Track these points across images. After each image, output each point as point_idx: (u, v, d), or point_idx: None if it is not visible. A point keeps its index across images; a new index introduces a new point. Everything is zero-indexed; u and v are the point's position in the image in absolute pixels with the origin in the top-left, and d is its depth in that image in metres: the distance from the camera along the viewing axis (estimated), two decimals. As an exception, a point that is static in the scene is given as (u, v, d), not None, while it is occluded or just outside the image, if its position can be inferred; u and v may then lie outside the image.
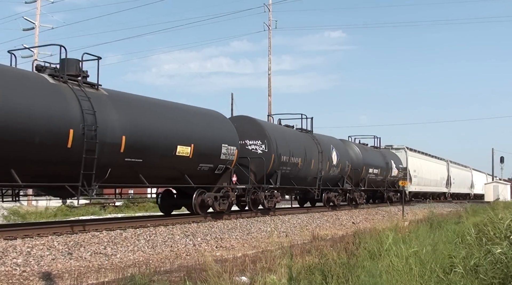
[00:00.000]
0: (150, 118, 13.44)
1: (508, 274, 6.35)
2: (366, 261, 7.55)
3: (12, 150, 10.13)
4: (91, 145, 11.39)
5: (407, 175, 34.19)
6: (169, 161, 13.96)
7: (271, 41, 36.98)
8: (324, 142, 23.15)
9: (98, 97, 12.22)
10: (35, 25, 37.52)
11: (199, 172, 15.28)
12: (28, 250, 9.45)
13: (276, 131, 19.62)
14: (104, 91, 12.78)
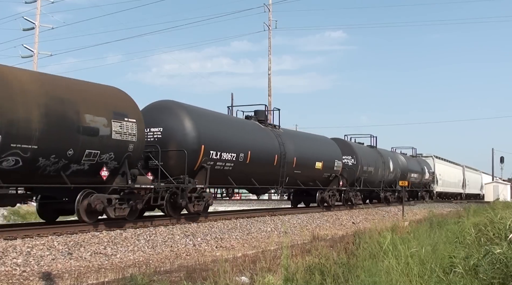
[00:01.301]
0: (305, 146, 21.88)
1: (508, 274, 6.35)
2: (366, 261, 7.56)
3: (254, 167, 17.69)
4: (283, 163, 19.45)
5: (434, 178, 41.83)
6: (312, 171, 22.06)
7: (271, 41, 37.04)
8: (384, 154, 30.77)
9: (281, 134, 20.21)
10: (35, 25, 37.55)
11: (322, 178, 23.03)
12: (28, 250, 9.45)
13: (359, 149, 27.15)
14: (281, 130, 20.90)
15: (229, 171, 16.49)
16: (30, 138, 10.25)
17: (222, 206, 31.92)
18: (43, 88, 10.91)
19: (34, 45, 37.36)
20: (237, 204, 34.15)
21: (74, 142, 11.15)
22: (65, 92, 11.34)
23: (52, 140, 10.70)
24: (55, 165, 10.94)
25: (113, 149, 12.06)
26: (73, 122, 11.17)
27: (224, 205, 33.89)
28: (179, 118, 14.86)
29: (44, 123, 10.50)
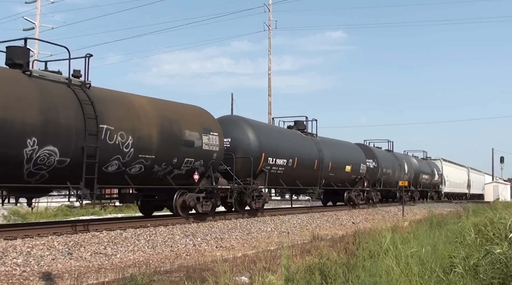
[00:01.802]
0: (338, 152, 24.62)
1: (508, 274, 6.35)
2: (366, 261, 7.56)
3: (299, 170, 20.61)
4: (321, 167, 22.23)
5: (443, 180, 44.78)
6: (343, 174, 24.88)
7: (271, 41, 37.03)
8: (399, 157, 33.83)
9: (318, 142, 22.99)
10: (35, 25, 37.55)
11: (350, 180, 25.91)
12: (28, 250, 9.46)
13: (379, 153, 30.34)
14: (317, 138, 23.53)
15: (280, 174, 19.57)
16: (151, 150, 13.22)
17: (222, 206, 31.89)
18: (157, 111, 13.87)
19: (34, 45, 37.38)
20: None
21: (177, 152, 14.21)
22: (171, 113, 14.46)
23: (164, 152, 13.67)
24: (164, 170, 13.94)
25: (202, 157, 15.15)
26: (177, 137, 14.25)
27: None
28: (244, 131, 18.05)
29: (159, 139, 13.49)
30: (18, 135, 10.19)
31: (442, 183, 44.90)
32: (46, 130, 10.66)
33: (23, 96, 10.48)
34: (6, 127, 9.93)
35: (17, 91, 10.45)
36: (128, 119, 12.74)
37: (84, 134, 11.38)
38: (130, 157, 12.62)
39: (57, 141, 10.86)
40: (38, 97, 10.77)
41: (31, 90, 10.73)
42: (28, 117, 10.36)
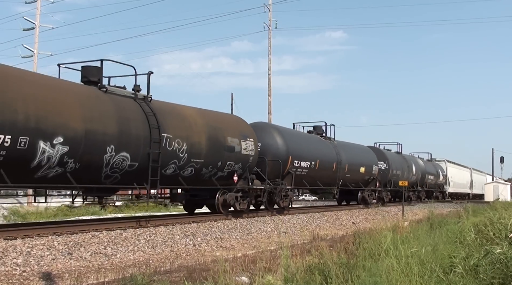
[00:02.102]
0: (353, 154, 26.41)
1: (507, 274, 6.35)
2: (366, 261, 7.56)
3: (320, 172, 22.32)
4: (339, 169, 23.93)
5: (447, 180, 46.55)
6: (357, 175, 26.46)
7: (271, 41, 37.00)
8: (408, 159, 35.79)
9: (336, 145, 24.66)
10: (35, 25, 37.52)
11: (363, 180, 27.58)
12: (28, 250, 9.45)
13: (389, 155, 32.23)
14: (335, 142, 25.09)
15: (304, 176, 21.22)
16: (200, 155, 14.96)
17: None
18: (204, 120, 15.65)
19: (34, 45, 37.33)
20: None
21: (221, 157, 15.96)
22: (216, 122, 16.27)
23: (211, 156, 15.41)
24: (210, 172, 15.69)
25: (241, 161, 16.90)
26: (221, 143, 15.98)
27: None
28: (273, 136, 19.87)
29: (207, 145, 15.24)
30: (101, 144, 11.76)
31: (447, 184, 46.70)
32: (121, 139, 12.29)
33: (103, 110, 12.12)
34: (91, 137, 11.48)
35: (99, 106, 12.08)
36: (183, 128, 14.52)
37: (149, 142, 13.06)
38: (184, 161, 14.42)
39: (129, 148, 12.52)
40: (114, 110, 12.41)
41: (108, 105, 12.36)
42: (108, 128, 11.98)
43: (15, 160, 10.06)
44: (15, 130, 9.89)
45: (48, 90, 11.05)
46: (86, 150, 11.39)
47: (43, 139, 10.42)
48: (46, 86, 11.20)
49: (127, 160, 12.49)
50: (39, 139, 10.36)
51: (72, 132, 11.07)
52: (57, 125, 10.76)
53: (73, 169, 11.31)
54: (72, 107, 11.29)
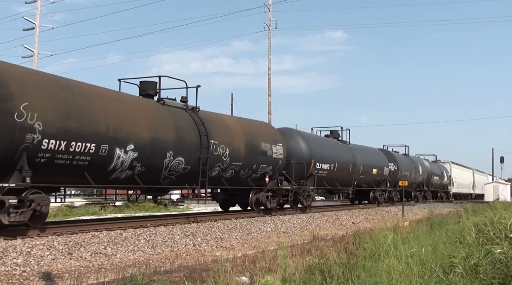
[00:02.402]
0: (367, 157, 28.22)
1: (508, 274, 6.35)
2: (366, 261, 7.55)
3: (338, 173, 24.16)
4: (354, 170, 25.86)
5: (451, 181, 48.40)
6: (370, 176, 28.41)
7: (271, 41, 36.98)
8: (415, 161, 37.67)
9: (351, 149, 26.62)
10: (35, 25, 37.51)
11: (375, 181, 29.49)
12: (28, 250, 9.45)
13: (398, 157, 34.04)
14: (351, 145, 27.16)
15: (324, 177, 23.11)
16: (240, 158, 16.78)
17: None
18: (242, 128, 17.61)
19: (34, 45, 37.33)
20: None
21: (256, 160, 17.79)
22: (251, 129, 18.19)
23: (248, 160, 17.22)
24: (246, 174, 17.51)
25: (272, 164, 18.75)
26: (256, 148, 17.83)
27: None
28: (297, 141, 21.65)
29: (245, 150, 17.09)
30: (162, 150, 13.51)
31: (451, 184, 48.63)
32: (178, 145, 14.06)
33: (164, 120, 13.91)
34: (155, 144, 13.23)
35: (160, 117, 13.91)
36: (225, 135, 16.29)
37: (200, 148, 14.86)
38: (226, 164, 16.24)
39: (183, 153, 14.28)
40: (172, 121, 14.20)
41: (167, 116, 14.17)
42: (167, 136, 13.75)
43: (97, 164, 11.77)
44: (98, 139, 11.58)
45: (122, 105, 12.82)
46: (151, 155, 13.15)
47: (118, 147, 12.16)
48: (120, 101, 12.97)
49: (181, 164, 14.36)
50: (116, 146, 12.09)
51: (141, 141, 12.82)
52: (130, 135, 12.52)
53: (140, 172, 13.07)
54: (141, 119, 13.11)
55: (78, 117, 11.22)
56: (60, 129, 10.74)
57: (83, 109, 11.41)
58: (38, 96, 10.49)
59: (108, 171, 12.18)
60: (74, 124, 11.08)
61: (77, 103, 11.33)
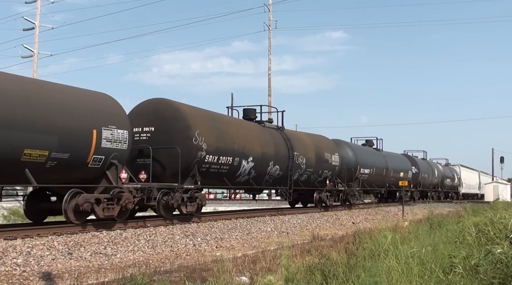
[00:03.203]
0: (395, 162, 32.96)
1: (508, 274, 6.34)
2: (366, 261, 7.55)
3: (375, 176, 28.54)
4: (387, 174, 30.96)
5: (461, 182, 53.12)
6: (398, 178, 31.27)
7: (271, 41, 37.04)
8: (431, 164, 42.86)
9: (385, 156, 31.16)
10: (35, 25, 37.54)
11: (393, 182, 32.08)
12: (28, 250, 9.45)
13: (419, 161, 38.78)
14: (383, 152, 31.36)
15: (365, 180, 27.67)
16: (311, 166, 21.70)
17: (222, 206, 31.92)
18: (312, 141, 22.70)
19: (34, 45, 37.35)
20: (237, 204, 34.16)
21: (321, 167, 22.60)
22: (317, 141, 23.31)
23: (316, 166, 22.10)
24: (314, 178, 22.35)
25: (331, 169, 23.61)
26: (321, 157, 22.70)
27: (224, 205, 33.88)
28: (346, 150, 26.36)
29: (315, 159, 21.91)
30: (267, 160, 18.32)
31: (460, 185, 53.40)
32: (276, 157, 18.92)
33: (267, 138, 18.87)
34: (263, 156, 18.03)
35: (264, 136, 18.84)
36: (303, 148, 21.26)
37: (288, 158, 19.74)
38: (303, 170, 21.07)
39: (279, 162, 19.08)
40: (271, 138, 19.19)
41: (268, 135, 19.15)
42: (270, 150, 18.66)
43: (231, 172, 16.49)
44: (233, 154, 16.28)
45: (245, 129, 17.85)
46: (261, 165, 17.91)
47: (244, 159, 16.88)
48: (243, 126, 18.12)
49: (277, 170, 19.14)
50: (243, 159, 16.82)
51: (256, 154, 17.59)
52: (250, 150, 17.29)
53: (253, 176, 17.78)
54: (255, 138, 18.04)
55: (223, 139, 15.89)
56: (215, 148, 15.31)
57: (225, 133, 16.14)
58: (203, 126, 15.11)
59: (236, 176, 16.93)
60: (222, 144, 15.74)
61: (221, 129, 16.10)
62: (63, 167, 11.18)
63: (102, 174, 12.20)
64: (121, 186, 12.44)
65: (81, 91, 12.42)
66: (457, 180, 51.81)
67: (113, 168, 12.28)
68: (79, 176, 11.81)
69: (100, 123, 11.89)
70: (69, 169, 11.41)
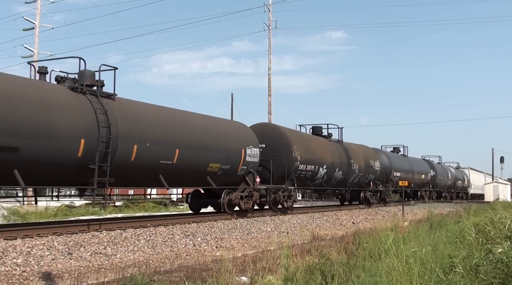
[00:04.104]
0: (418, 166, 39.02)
1: (508, 274, 6.33)
2: (366, 261, 7.55)
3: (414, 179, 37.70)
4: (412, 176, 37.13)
5: (469, 183, 58.17)
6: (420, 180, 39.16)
7: (271, 41, 37.00)
8: (446, 168, 48.40)
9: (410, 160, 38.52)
10: (35, 25, 37.50)
11: (422, 183, 39.42)
12: (28, 250, 9.44)
13: (436, 165, 44.06)
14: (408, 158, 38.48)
15: (397, 181, 31.99)
16: (361, 171, 26.85)
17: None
18: (361, 151, 27.80)
19: (34, 45, 37.31)
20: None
21: (367, 171, 27.70)
22: (365, 151, 28.57)
23: (364, 172, 27.22)
24: (362, 181, 27.35)
25: (374, 173, 28.79)
26: (368, 164, 27.72)
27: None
28: (382, 156, 31.42)
29: (363, 166, 26.96)
30: (334, 168, 23.70)
31: (469, 186, 58.49)
32: (340, 164, 24.35)
33: (333, 150, 24.30)
34: (333, 165, 23.57)
35: (331, 148, 24.25)
36: (356, 156, 26.42)
37: (347, 165, 25.10)
38: (356, 174, 26.27)
39: (341, 169, 24.45)
40: (336, 150, 24.57)
41: (334, 147, 24.61)
42: (335, 159, 23.92)
43: (312, 176, 21.99)
44: (315, 163, 21.85)
45: (320, 143, 23.38)
46: (330, 171, 23.36)
47: (321, 166, 22.29)
48: (319, 142, 23.56)
49: (340, 175, 24.49)
50: (320, 166, 22.23)
51: (328, 163, 23.08)
52: (324, 160, 22.76)
53: (324, 180, 23.26)
54: (327, 150, 23.54)
55: (309, 152, 21.34)
56: (304, 159, 20.73)
57: (310, 148, 21.58)
58: (298, 143, 20.54)
59: (315, 179, 22.38)
60: (308, 156, 21.14)
61: (308, 145, 21.66)
62: (225, 174, 16.55)
63: (243, 179, 17.71)
64: (256, 187, 18.20)
65: (232, 122, 19.60)
66: (467, 181, 57.46)
67: (250, 174, 17.93)
68: (230, 181, 17.14)
69: (245, 144, 17.49)
70: (228, 176, 16.75)
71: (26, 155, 10.32)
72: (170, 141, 13.92)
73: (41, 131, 10.59)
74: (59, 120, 11.00)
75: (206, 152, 15.27)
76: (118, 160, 12.23)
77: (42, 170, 10.89)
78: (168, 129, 13.99)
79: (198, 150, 14.92)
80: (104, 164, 11.83)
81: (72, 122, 11.28)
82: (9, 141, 10.02)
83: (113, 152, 12.08)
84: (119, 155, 12.24)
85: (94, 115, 11.73)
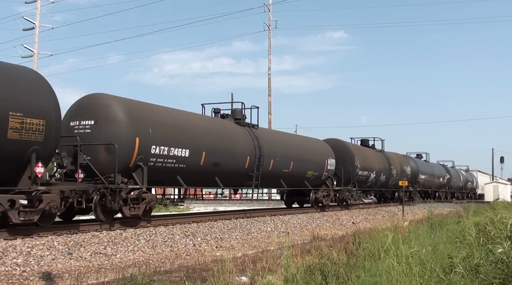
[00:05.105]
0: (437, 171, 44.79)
1: (509, 274, 6.34)
2: (366, 261, 7.54)
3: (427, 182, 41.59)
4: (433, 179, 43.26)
5: (477, 185, 63.10)
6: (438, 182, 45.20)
7: (271, 41, 37.04)
8: (458, 171, 53.39)
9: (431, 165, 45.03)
10: (35, 25, 37.50)
11: (440, 185, 44.94)
12: (28, 250, 9.44)
13: (451, 169, 50.21)
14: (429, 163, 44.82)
15: (423, 184, 39.03)
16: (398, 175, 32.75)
17: (222, 206, 31.89)
18: (396, 157, 34.03)
19: (34, 45, 37.32)
20: (237, 204, 34.13)
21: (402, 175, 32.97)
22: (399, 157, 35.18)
23: (399, 175, 32.72)
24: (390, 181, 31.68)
25: (406, 177, 33.62)
26: (402, 168, 33.84)
27: (224, 205, 33.85)
28: (410, 162, 36.42)
29: (399, 171, 33.43)
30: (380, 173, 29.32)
31: (477, 187, 63.26)
32: (383, 170, 29.79)
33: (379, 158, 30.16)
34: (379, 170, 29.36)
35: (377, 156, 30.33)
36: (394, 163, 31.89)
37: (388, 170, 30.68)
38: (394, 178, 31.37)
39: (385, 174, 30.14)
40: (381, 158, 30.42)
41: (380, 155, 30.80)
42: (381, 166, 29.63)
43: (365, 180, 27.26)
44: (368, 169, 27.27)
45: (371, 153, 29.21)
46: (378, 175, 28.53)
47: (371, 172, 27.56)
48: (371, 152, 29.59)
49: (384, 179, 29.87)
50: (371, 172, 27.52)
51: (376, 169, 28.27)
52: (373, 166, 28.01)
53: (373, 182, 28.59)
54: (375, 159, 29.02)
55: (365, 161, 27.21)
56: (362, 166, 26.50)
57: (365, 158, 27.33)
58: (358, 154, 26.19)
59: (367, 182, 27.66)
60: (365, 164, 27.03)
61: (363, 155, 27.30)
62: (315, 179, 22.55)
63: (323, 182, 23.62)
64: (334, 188, 23.91)
65: (316, 140, 25.03)
66: (475, 183, 62.85)
67: (329, 179, 23.87)
68: (316, 183, 22.98)
69: (327, 156, 23.49)
70: (316, 180, 22.72)
71: (223, 167, 16.19)
72: (288, 157, 20.25)
73: (230, 152, 16.57)
74: (238, 145, 17.08)
75: (306, 163, 21.61)
76: (263, 170, 18.22)
77: (228, 177, 16.72)
78: (287, 149, 20.46)
79: (302, 162, 21.27)
80: (256, 172, 17.96)
81: (242, 145, 17.32)
82: (216, 160, 15.77)
83: (261, 164, 18.13)
84: (263, 166, 18.24)
85: (252, 140, 17.89)
